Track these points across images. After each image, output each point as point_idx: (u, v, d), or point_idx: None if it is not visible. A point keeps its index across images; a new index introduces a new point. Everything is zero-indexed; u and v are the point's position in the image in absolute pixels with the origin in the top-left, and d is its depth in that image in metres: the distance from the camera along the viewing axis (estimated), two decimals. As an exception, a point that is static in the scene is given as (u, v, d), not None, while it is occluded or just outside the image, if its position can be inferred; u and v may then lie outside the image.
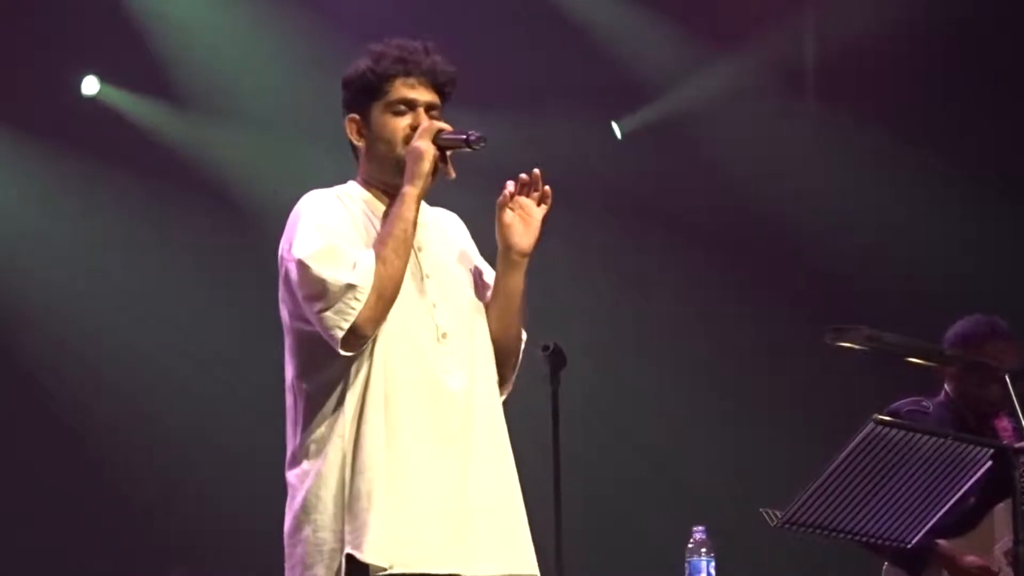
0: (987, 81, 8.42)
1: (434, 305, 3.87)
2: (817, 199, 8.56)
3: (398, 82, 3.91)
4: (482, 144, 3.85)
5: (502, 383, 4.00)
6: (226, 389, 8.47)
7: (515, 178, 3.94)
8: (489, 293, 3.98)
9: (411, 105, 3.91)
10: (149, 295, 8.53)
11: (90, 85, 8.47)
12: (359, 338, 3.73)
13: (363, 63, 3.95)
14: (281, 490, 7.92)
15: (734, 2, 8.66)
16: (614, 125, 8.91)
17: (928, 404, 5.96)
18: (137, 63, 8.38)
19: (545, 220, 3.94)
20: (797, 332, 7.58)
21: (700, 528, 5.49)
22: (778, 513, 4.48)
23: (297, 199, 3.96)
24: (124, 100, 8.52)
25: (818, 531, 4.42)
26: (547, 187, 3.94)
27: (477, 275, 4.00)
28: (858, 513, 4.42)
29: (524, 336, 4.05)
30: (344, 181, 4.03)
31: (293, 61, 8.44)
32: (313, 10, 8.36)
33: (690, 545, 5.48)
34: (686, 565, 5.46)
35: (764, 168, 8.58)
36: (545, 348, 5.12)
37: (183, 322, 8.54)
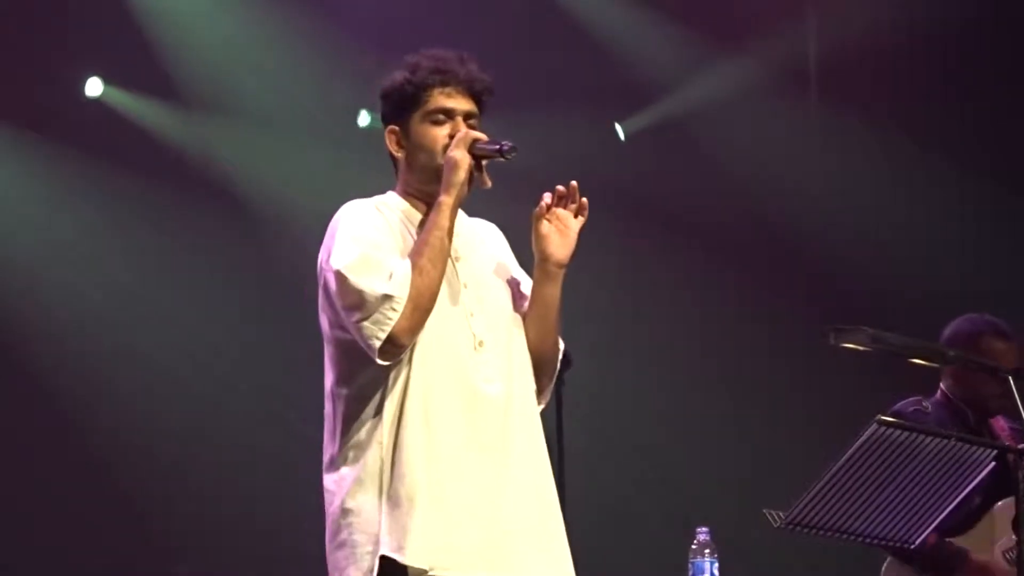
0: (989, 81, 8.43)
1: (471, 314, 3.91)
2: (819, 199, 8.57)
3: (436, 92, 3.93)
4: (514, 154, 3.89)
5: (539, 392, 4.03)
6: (228, 389, 8.48)
7: (552, 190, 3.98)
8: (526, 304, 4.01)
9: (449, 114, 3.93)
10: (152, 295, 8.52)
11: (94, 87, 8.47)
12: (396, 347, 3.76)
13: (400, 75, 3.97)
14: (283, 490, 7.94)
15: (737, 2, 8.66)
16: (617, 127, 8.91)
17: (928, 404, 5.96)
18: (141, 64, 8.37)
19: (581, 231, 3.99)
20: (800, 332, 7.58)
21: (704, 529, 5.50)
22: (781, 514, 4.49)
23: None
24: (127, 101, 8.52)
25: (821, 532, 4.43)
26: (584, 199, 3.99)
27: (515, 285, 4.04)
28: (861, 514, 4.43)
29: (562, 346, 4.08)
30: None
31: (297, 61, 8.44)
32: (317, 11, 8.35)
33: (694, 546, 5.48)
34: (690, 566, 5.47)
35: (767, 168, 8.58)
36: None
37: (186, 322, 8.54)
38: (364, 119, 8.46)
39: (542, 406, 4.06)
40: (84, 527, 8.20)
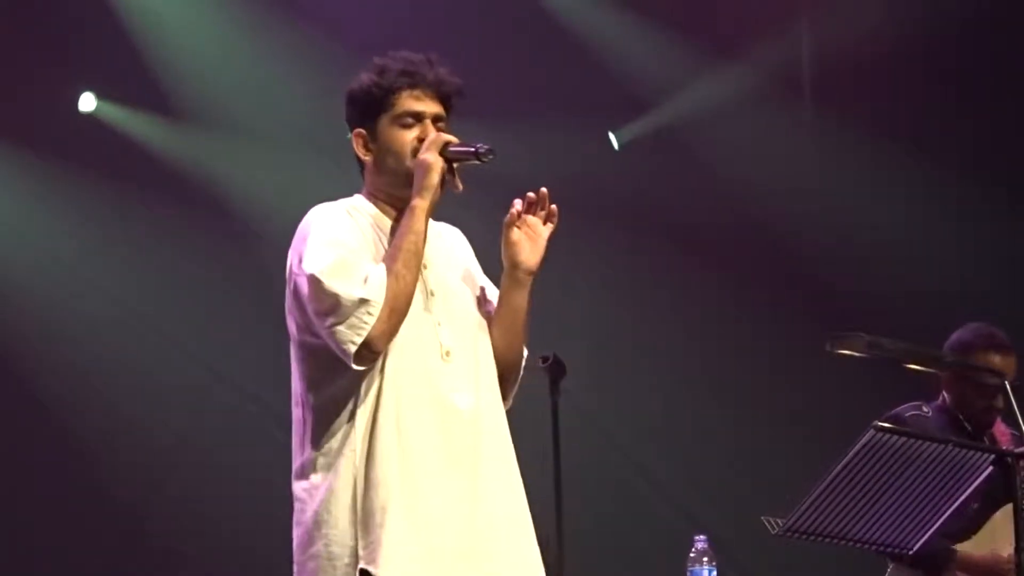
0: (984, 84, 8.42)
1: (439, 323, 3.89)
2: (816, 205, 8.56)
3: (404, 94, 3.91)
4: (490, 157, 3.86)
5: (503, 399, 4.01)
6: (226, 399, 8.48)
7: (522, 196, 3.96)
8: (492, 309, 4.00)
9: (418, 117, 3.91)
10: (147, 307, 8.54)
11: (87, 102, 8.47)
12: (372, 352, 3.74)
13: (367, 77, 3.95)
14: (280, 501, 7.92)
15: (730, 11, 8.65)
16: (611, 136, 8.91)
17: (928, 409, 5.96)
18: (134, 79, 8.38)
19: (551, 239, 3.97)
20: (797, 339, 7.58)
21: (702, 537, 5.49)
22: (779, 521, 4.48)
23: (296, 212, 3.96)
24: (121, 116, 8.53)
25: (820, 538, 4.42)
26: (554, 206, 3.96)
27: (481, 293, 4.02)
28: (860, 520, 4.42)
29: (525, 353, 4.06)
30: (345, 192, 4.03)
31: (291, 74, 8.45)
32: (311, 24, 8.35)
33: (692, 554, 5.47)
34: (688, 574, 5.46)
35: (762, 175, 8.58)
36: (544, 359, 5.11)
37: (181, 333, 8.55)
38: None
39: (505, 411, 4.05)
40: (85, 537, 8.20)
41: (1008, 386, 4.85)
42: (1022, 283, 8.23)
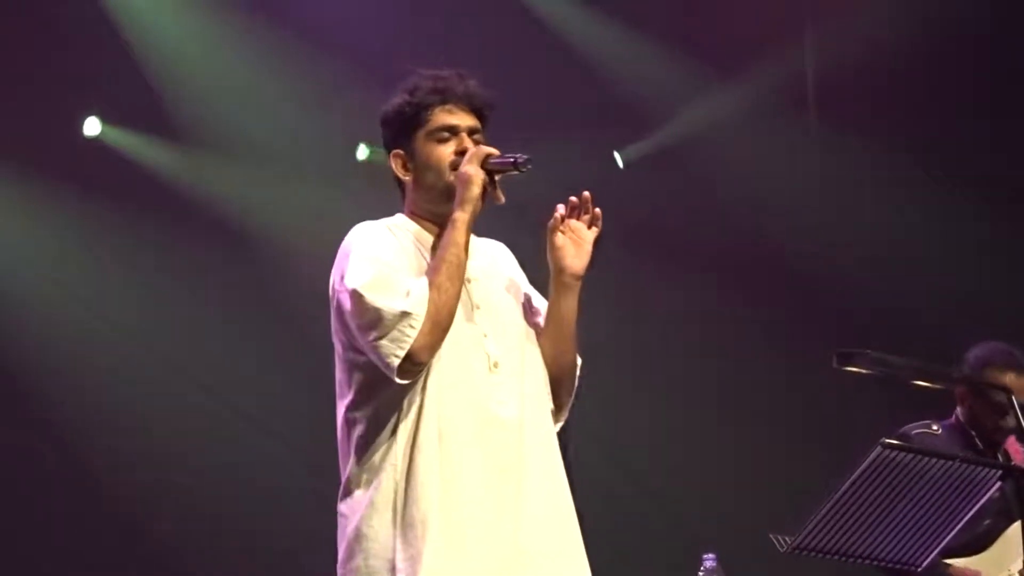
0: (989, 95, 8.43)
1: (485, 335, 3.89)
2: (822, 219, 8.58)
3: (437, 110, 3.94)
4: (529, 167, 3.87)
5: (558, 410, 4.02)
6: (228, 419, 8.49)
7: (565, 201, 3.97)
8: (541, 321, 4.00)
9: (453, 131, 3.93)
10: (152, 329, 8.54)
11: (91, 126, 8.48)
12: (415, 365, 3.74)
13: (399, 98, 3.98)
14: (287, 509, 7.93)
15: (734, 27, 8.67)
16: (616, 155, 8.91)
17: (938, 427, 5.96)
18: (138, 103, 8.40)
19: (596, 242, 3.98)
20: (805, 354, 7.58)
21: (710, 556, 5.49)
22: (788, 538, 4.48)
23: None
24: (126, 140, 8.54)
25: (828, 556, 4.42)
26: (597, 209, 3.98)
27: (527, 304, 4.03)
28: (868, 537, 4.42)
29: (579, 361, 4.06)
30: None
31: (294, 96, 8.47)
32: (315, 47, 8.37)
33: (700, 572, 5.48)
34: (697, 592, 5.47)
35: (768, 191, 8.59)
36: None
37: (185, 355, 8.55)
38: (363, 152, 8.48)
39: (560, 424, 4.04)
40: (88, 550, 8.20)
41: (1015, 403, 4.84)
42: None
